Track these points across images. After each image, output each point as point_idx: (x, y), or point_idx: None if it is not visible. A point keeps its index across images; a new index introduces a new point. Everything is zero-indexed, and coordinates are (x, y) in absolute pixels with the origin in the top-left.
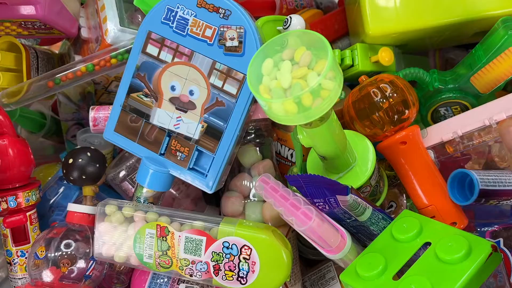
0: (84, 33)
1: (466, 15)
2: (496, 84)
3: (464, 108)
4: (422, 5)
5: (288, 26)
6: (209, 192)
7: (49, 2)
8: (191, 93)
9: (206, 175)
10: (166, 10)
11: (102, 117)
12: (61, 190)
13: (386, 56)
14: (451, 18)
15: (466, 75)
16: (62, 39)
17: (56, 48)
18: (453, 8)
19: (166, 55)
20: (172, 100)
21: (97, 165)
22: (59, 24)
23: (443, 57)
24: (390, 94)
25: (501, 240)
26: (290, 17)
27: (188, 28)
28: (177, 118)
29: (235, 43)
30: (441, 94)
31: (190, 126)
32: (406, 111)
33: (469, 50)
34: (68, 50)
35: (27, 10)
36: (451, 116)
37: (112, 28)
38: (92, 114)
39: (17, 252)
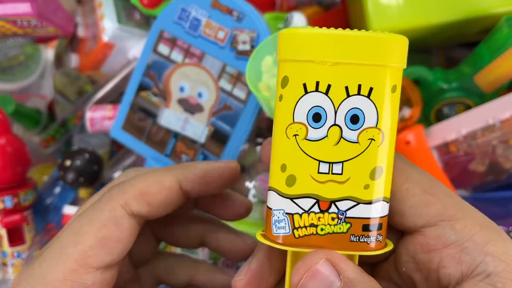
0: (81, 31)
1: (469, 13)
2: (500, 83)
3: (468, 108)
4: (425, 2)
5: (289, 24)
6: None
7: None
8: (199, 95)
9: None
10: (180, 10)
11: (99, 117)
12: (57, 191)
13: None
14: (454, 16)
15: (469, 74)
16: (58, 37)
17: (52, 47)
18: (457, 6)
19: (177, 55)
20: (180, 101)
21: (95, 167)
22: (56, 22)
23: (446, 56)
24: None
25: None
26: (291, 15)
27: (200, 29)
28: (184, 120)
29: (247, 47)
30: (445, 93)
31: (197, 129)
32: (409, 110)
33: (473, 49)
34: (64, 49)
35: (23, 7)
36: (455, 115)
37: (110, 26)
38: (89, 114)
39: (13, 253)
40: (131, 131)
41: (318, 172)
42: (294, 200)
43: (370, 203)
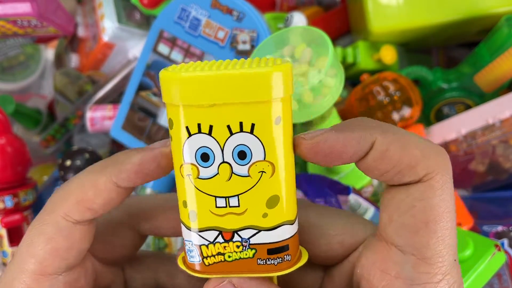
0: (81, 31)
1: (469, 12)
2: (500, 83)
3: (468, 107)
4: (426, 2)
5: (289, 24)
6: None
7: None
8: None
9: None
10: (180, 10)
11: (99, 117)
12: None
13: (388, 54)
14: (454, 16)
15: (469, 73)
16: (58, 37)
17: (52, 47)
18: (457, 5)
19: (177, 55)
20: None
21: None
22: (56, 22)
23: (446, 56)
24: (393, 93)
25: (506, 240)
26: (291, 15)
27: (200, 29)
28: None
29: (247, 46)
30: (445, 93)
31: None
32: (409, 110)
33: (473, 49)
34: (65, 49)
35: (23, 7)
36: (455, 115)
37: (110, 26)
38: (89, 114)
39: (13, 252)
40: (131, 130)
41: (216, 207)
42: (199, 233)
43: (271, 229)
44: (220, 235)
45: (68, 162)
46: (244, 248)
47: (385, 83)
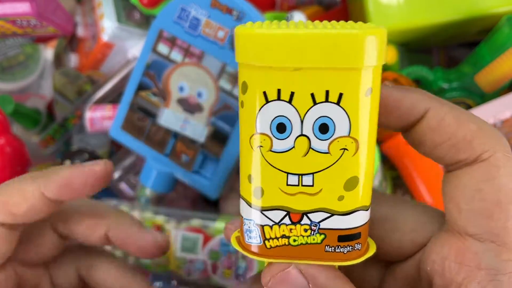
0: (81, 30)
1: (470, 12)
2: (501, 83)
3: (469, 107)
4: (426, 2)
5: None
6: (211, 198)
7: None
8: (199, 95)
9: (210, 179)
10: (179, 9)
11: (98, 117)
12: None
13: (388, 54)
14: (455, 16)
15: (470, 73)
16: (57, 37)
17: (51, 47)
18: (458, 5)
19: (176, 55)
20: (180, 101)
21: None
22: (55, 22)
23: (447, 55)
24: None
25: None
26: (291, 14)
27: (200, 29)
28: (183, 119)
29: None
30: (445, 93)
31: (197, 128)
32: None
33: (474, 48)
34: (64, 48)
35: (22, 7)
36: None
37: (109, 25)
38: (88, 114)
39: None
40: (130, 131)
41: (287, 185)
42: (263, 212)
43: (345, 214)
44: (287, 216)
45: (67, 163)
46: (312, 232)
47: (385, 83)
